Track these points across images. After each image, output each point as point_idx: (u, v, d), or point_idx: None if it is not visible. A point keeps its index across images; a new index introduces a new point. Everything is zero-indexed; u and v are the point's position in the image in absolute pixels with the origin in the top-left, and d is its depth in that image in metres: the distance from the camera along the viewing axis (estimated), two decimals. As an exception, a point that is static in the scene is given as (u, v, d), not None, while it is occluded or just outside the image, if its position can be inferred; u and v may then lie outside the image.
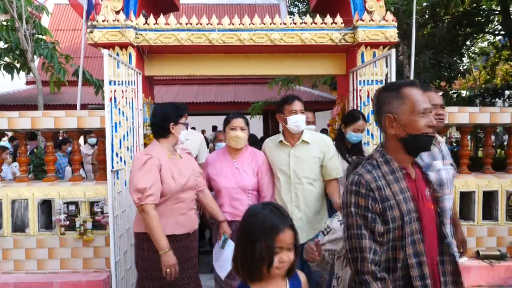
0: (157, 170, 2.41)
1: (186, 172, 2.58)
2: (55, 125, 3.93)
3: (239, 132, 2.85)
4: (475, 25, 9.06)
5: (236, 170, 2.90)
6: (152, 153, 2.46)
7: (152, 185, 2.35)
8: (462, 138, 4.47)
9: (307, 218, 2.85)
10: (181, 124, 2.59)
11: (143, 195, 2.32)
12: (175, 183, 2.47)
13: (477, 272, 3.97)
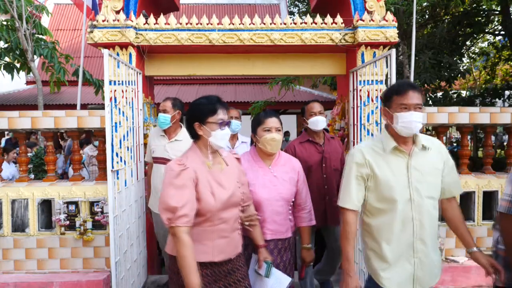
0: (192, 185, 1.96)
1: (229, 184, 2.10)
2: (55, 125, 3.93)
3: (275, 134, 2.45)
4: (475, 25, 9.07)
5: (275, 179, 2.48)
6: (188, 163, 1.99)
7: (186, 204, 1.91)
8: (462, 138, 4.47)
9: (431, 257, 2.05)
10: (213, 123, 2.04)
11: (174, 215, 1.90)
12: (215, 200, 2.00)
13: (477, 272, 3.97)
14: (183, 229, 1.90)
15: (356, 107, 3.89)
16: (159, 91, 11.03)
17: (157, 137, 3.54)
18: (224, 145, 2.07)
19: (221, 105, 2.07)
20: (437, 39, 8.40)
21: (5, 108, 10.01)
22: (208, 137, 2.04)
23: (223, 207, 2.03)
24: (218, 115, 2.03)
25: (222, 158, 2.16)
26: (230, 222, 2.09)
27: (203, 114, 2.04)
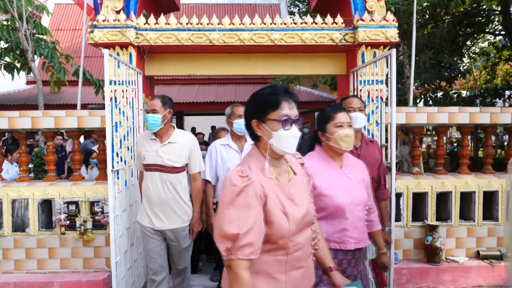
0: (258, 204, 1.51)
1: (301, 199, 1.66)
2: (55, 125, 3.94)
3: (348, 129, 2.18)
4: (476, 25, 9.06)
5: (351, 181, 2.19)
6: (253, 174, 1.55)
7: (251, 230, 1.46)
8: (463, 138, 4.47)
9: None
10: (274, 121, 1.58)
11: (234, 245, 1.46)
12: (289, 221, 1.55)
13: (477, 272, 3.97)
14: (243, 264, 1.46)
15: (357, 107, 3.89)
16: (159, 91, 11.03)
17: (147, 141, 3.08)
18: (290, 150, 1.61)
19: (286, 96, 1.61)
20: (438, 39, 8.40)
21: (6, 108, 10.01)
22: (268, 138, 1.60)
23: (298, 229, 1.60)
24: (281, 110, 1.58)
25: (289, 165, 1.73)
26: (305, 247, 1.65)
27: (262, 108, 1.61)
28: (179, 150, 3.03)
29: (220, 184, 3.38)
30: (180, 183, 3.05)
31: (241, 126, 3.17)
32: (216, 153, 3.39)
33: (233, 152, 3.37)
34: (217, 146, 3.42)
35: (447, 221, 4.15)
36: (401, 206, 4.08)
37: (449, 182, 4.15)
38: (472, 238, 4.15)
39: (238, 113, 3.31)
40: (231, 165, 3.21)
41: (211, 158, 3.39)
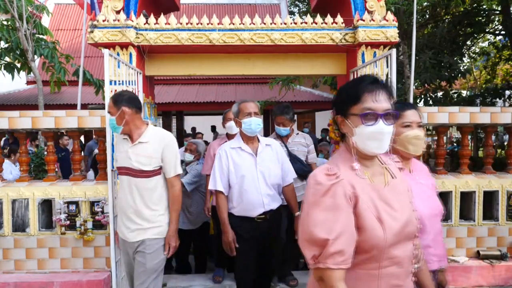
0: (349, 206, 1.32)
1: (402, 206, 1.43)
2: (55, 125, 3.94)
3: (417, 130, 1.89)
4: (476, 25, 9.06)
5: (425, 188, 1.90)
6: (341, 172, 1.36)
7: (340, 235, 1.28)
8: (463, 138, 4.47)
9: None
10: (356, 115, 1.39)
11: (323, 251, 1.29)
12: (385, 229, 1.34)
13: (477, 272, 3.97)
14: (336, 275, 1.28)
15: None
16: (159, 91, 11.03)
17: (121, 141, 2.71)
18: (376, 149, 1.39)
19: (371, 87, 1.38)
20: (438, 39, 8.40)
21: (6, 108, 10.01)
22: (351, 136, 1.41)
23: (395, 240, 1.36)
24: (363, 103, 1.37)
25: (385, 167, 1.50)
26: (405, 264, 1.41)
27: (344, 102, 1.43)
28: (150, 151, 2.59)
29: (235, 194, 2.88)
30: (151, 189, 2.59)
31: (251, 126, 2.85)
32: (227, 157, 2.91)
33: (247, 155, 2.91)
34: (227, 150, 2.93)
35: (447, 221, 4.15)
36: (401, 206, 4.07)
37: (449, 181, 4.15)
38: (472, 238, 4.15)
39: (247, 111, 2.88)
40: (246, 171, 2.85)
41: (221, 164, 2.91)
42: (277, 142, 3.14)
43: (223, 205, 2.90)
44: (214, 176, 2.92)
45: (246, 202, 2.85)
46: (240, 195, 2.86)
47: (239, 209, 2.89)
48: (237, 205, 2.89)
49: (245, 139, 2.96)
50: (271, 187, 2.90)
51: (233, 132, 3.74)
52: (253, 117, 2.87)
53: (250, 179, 2.85)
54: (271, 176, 2.90)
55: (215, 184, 2.91)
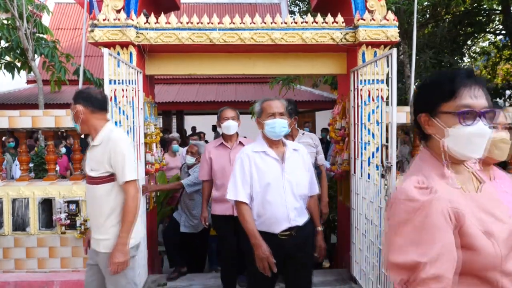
0: (447, 225, 1.12)
1: (502, 212, 1.23)
2: (55, 124, 3.94)
3: (503, 132, 1.74)
4: (476, 24, 9.06)
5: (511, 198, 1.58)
6: (433, 183, 1.17)
7: (437, 258, 1.09)
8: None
9: None
10: (449, 114, 1.20)
11: (415, 277, 1.10)
12: (495, 243, 1.14)
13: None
14: None
15: (357, 106, 3.89)
16: (160, 90, 11.03)
17: None
18: (475, 153, 1.20)
19: (468, 81, 1.20)
20: (438, 39, 8.39)
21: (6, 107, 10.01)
22: (441, 137, 1.22)
23: (506, 253, 1.16)
24: (459, 99, 1.18)
25: (472, 172, 1.32)
26: None
27: (432, 97, 1.24)
28: (99, 156, 2.37)
29: (257, 205, 2.52)
30: (101, 198, 2.37)
31: (275, 129, 2.50)
32: (250, 163, 2.54)
33: (272, 161, 2.54)
34: (249, 154, 2.57)
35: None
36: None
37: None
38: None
39: (271, 111, 2.54)
40: (272, 178, 2.49)
41: (244, 170, 2.53)
42: (303, 147, 2.78)
43: (249, 216, 2.49)
44: (235, 184, 2.52)
45: (269, 215, 2.47)
46: (263, 206, 2.48)
47: (259, 223, 2.49)
48: (258, 218, 2.51)
49: (269, 143, 2.59)
50: (298, 199, 2.53)
51: (231, 132, 3.62)
52: (278, 118, 2.51)
53: (275, 188, 2.47)
54: (299, 186, 2.54)
55: (236, 194, 2.50)
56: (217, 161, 3.62)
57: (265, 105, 2.59)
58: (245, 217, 2.47)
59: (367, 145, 3.75)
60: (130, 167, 2.35)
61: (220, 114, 3.70)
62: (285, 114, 2.58)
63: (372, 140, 3.77)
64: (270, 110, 2.54)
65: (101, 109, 2.45)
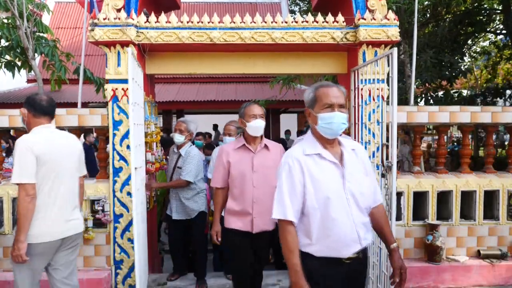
0: None
1: None
2: (55, 123, 3.93)
3: None
4: (477, 24, 9.05)
5: None
6: None
7: None
8: (464, 138, 4.46)
9: None
10: None
11: None
12: None
13: (478, 272, 3.97)
14: None
15: (358, 106, 3.89)
16: (160, 89, 11.03)
17: None
18: None
19: None
20: (439, 38, 8.39)
21: (6, 106, 10.00)
22: None
23: None
24: None
25: None
26: None
27: None
28: (12, 159, 2.62)
29: (316, 225, 1.96)
30: None
31: (332, 125, 1.98)
32: (302, 170, 1.97)
33: (330, 166, 1.99)
34: (300, 159, 1.99)
35: (447, 220, 4.15)
36: (402, 205, 4.07)
37: (450, 181, 4.14)
38: (473, 237, 4.15)
39: (328, 101, 2.00)
40: (332, 189, 1.96)
41: (293, 181, 1.97)
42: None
43: (295, 245, 1.94)
44: (282, 199, 1.97)
45: (335, 237, 1.94)
46: (325, 226, 1.94)
47: (321, 248, 1.96)
48: (318, 241, 1.96)
49: (323, 142, 2.04)
50: (364, 212, 2.03)
51: (259, 133, 3.00)
52: (337, 110, 1.98)
53: (338, 201, 1.95)
54: (364, 196, 2.02)
55: (284, 212, 1.95)
56: (236, 166, 3.00)
57: (320, 92, 2.02)
58: (290, 246, 1.93)
59: (368, 144, 3.75)
60: (19, 171, 2.45)
61: (244, 111, 3.01)
62: (345, 106, 2.05)
63: (373, 139, 3.77)
64: (326, 99, 1.99)
65: (43, 113, 2.64)
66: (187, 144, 4.06)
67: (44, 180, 2.55)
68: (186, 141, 4.04)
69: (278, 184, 2.02)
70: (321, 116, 1.99)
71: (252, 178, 2.96)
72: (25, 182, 2.44)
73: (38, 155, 2.50)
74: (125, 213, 3.83)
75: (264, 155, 3.03)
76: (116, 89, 3.79)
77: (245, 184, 2.96)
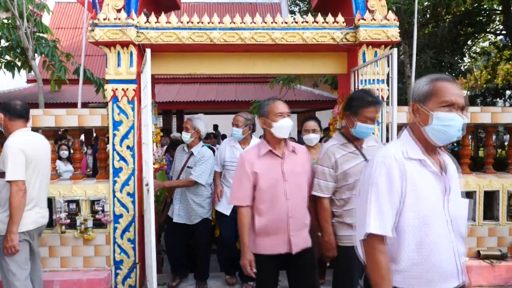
0: None
1: None
2: (55, 124, 3.93)
3: None
4: (477, 24, 9.06)
5: None
6: None
7: None
8: (464, 138, 4.46)
9: None
10: None
11: None
12: None
13: (478, 272, 3.97)
14: None
15: (357, 106, 3.88)
16: (160, 90, 11.03)
17: None
18: None
19: None
20: (438, 39, 8.39)
21: (6, 106, 10.00)
22: None
23: None
24: None
25: None
26: None
27: None
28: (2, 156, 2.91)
29: (410, 248, 1.60)
30: None
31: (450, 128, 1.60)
32: (401, 177, 1.59)
33: (431, 177, 1.64)
34: (400, 161, 1.61)
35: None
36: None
37: (450, 181, 4.14)
38: (473, 238, 4.15)
39: (449, 98, 1.60)
40: (432, 205, 1.60)
41: (392, 185, 1.58)
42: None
43: (389, 266, 1.59)
44: (381, 209, 1.57)
45: (430, 265, 1.58)
46: (419, 250, 1.58)
47: (410, 278, 1.60)
48: (408, 268, 1.60)
49: (427, 147, 1.67)
50: (462, 241, 1.68)
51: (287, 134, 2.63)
52: (459, 111, 1.60)
53: (438, 221, 1.60)
54: (461, 219, 1.68)
55: (384, 226, 1.56)
56: (265, 176, 2.54)
57: (440, 86, 1.62)
58: (383, 270, 1.57)
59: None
60: (13, 169, 2.76)
61: (268, 109, 2.61)
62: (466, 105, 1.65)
63: (373, 140, 3.76)
64: (448, 96, 1.60)
65: (18, 117, 2.93)
66: (199, 143, 3.94)
67: (32, 177, 2.89)
68: (195, 139, 3.91)
69: (370, 189, 1.60)
70: (438, 115, 1.59)
71: (285, 189, 2.52)
72: (18, 179, 2.76)
73: (26, 156, 2.83)
74: (125, 214, 3.83)
75: (293, 160, 2.62)
76: (116, 89, 3.79)
77: (277, 196, 2.51)
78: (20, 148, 2.80)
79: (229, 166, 3.89)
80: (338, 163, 2.61)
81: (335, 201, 2.68)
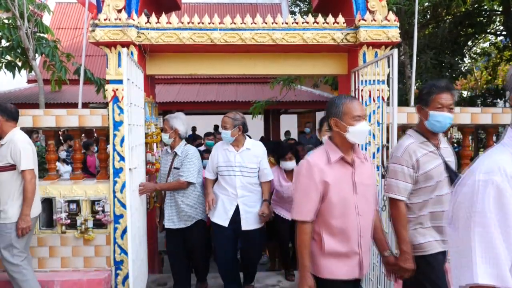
0: None
1: None
2: (56, 124, 3.94)
3: None
4: (477, 25, 9.07)
5: None
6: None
7: None
8: (464, 139, 4.46)
9: None
10: None
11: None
12: None
13: (478, 273, 3.96)
14: None
15: (358, 107, 3.88)
16: (160, 90, 11.03)
17: None
18: None
19: None
20: (439, 39, 8.40)
21: (6, 106, 10.01)
22: None
23: None
24: None
25: None
26: None
27: None
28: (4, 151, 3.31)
29: None
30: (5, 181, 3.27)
31: None
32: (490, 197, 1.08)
33: None
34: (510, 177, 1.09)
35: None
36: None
37: (450, 182, 4.14)
38: (473, 238, 4.14)
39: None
40: None
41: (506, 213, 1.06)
42: None
43: None
44: (494, 249, 1.07)
45: None
46: None
47: None
48: None
49: None
50: None
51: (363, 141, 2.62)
52: None
53: None
54: None
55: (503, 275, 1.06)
56: (337, 188, 2.16)
57: None
58: None
59: (368, 145, 3.75)
60: (26, 160, 3.24)
61: (344, 109, 2.21)
62: None
63: (373, 140, 3.77)
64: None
65: (12, 118, 3.37)
66: (181, 142, 3.79)
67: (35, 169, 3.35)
68: (175, 139, 3.77)
69: (473, 222, 1.11)
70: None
71: (356, 203, 2.18)
72: (31, 168, 3.27)
73: (32, 149, 3.33)
74: (125, 214, 3.83)
75: (362, 169, 2.26)
76: (117, 89, 3.79)
77: (348, 212, 2.16)
78: (28, 142, 3.34)
79: (224, 172, 3.60)
80: (420, 163, 2.33)
81: (408, 205, 2.41)
